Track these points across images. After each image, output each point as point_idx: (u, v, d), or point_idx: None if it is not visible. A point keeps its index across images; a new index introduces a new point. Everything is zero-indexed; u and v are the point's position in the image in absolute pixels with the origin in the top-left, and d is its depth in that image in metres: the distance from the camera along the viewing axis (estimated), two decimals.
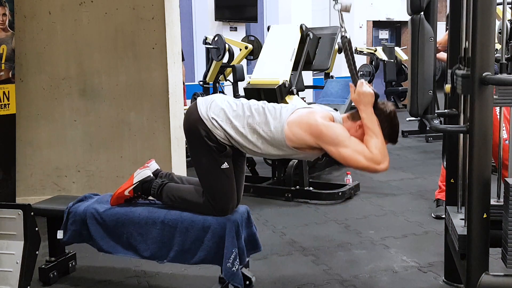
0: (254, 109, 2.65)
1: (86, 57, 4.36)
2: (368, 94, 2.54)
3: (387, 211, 4.38)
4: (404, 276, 3.09)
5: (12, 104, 4.13)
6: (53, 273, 3.02)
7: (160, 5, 4.26)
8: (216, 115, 2.60)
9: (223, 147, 2.61)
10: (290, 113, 2.61)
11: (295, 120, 2.56)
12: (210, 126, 2.59)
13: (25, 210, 2.73)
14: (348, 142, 2.49)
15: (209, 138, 2.59)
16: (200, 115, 2.61)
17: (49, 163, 4.43)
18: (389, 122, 2.58)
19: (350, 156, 2.48)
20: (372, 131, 2.50)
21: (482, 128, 2.11)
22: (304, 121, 2.54)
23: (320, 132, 2.50)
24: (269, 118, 2.60)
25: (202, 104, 2.66)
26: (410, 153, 6.99)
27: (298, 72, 5.19)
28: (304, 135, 2.53)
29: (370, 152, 2.46)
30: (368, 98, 2.54)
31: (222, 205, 2.65)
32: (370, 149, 2.47)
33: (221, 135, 2.59)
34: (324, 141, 2.51)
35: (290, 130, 2.54)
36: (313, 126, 2.52)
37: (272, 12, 11.99)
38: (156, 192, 2.79)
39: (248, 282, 2.92)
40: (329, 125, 2.53)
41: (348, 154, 2.48)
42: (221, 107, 2.63)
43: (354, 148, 2.48)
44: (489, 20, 2.07)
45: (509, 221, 2.07)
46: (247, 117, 2.61)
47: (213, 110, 2.62)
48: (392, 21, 13.47)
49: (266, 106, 2.68)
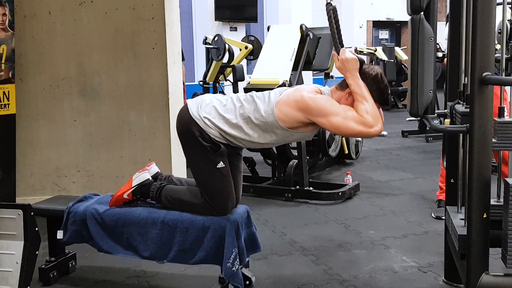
0: (243, 99, 2.66)
1: (86, 57, 4.36)
2: (352, 60, 2.54)
3: (387, 211, 4.38)
4: (404, 276, 3.09)
5: (12, 104, 4.13)
6: (53, 273, 3.02)
7: (160, 5, 4.26)
8: (208, 113, 2.61)
9: (217, 146, 2.61)
10: (278, 95, 2.62)
11: (283, 100, 2.57)
12: (202, 125, 2.59)
13: (25, 210, 2.73)
14: (337, 110, 2.49)
15: (203, 138, 2.59)
16: (192, 116, 2.62)
17: (49, 163, 4.43)
18: (376, 84, 2.58)
19: (341, 124, 2.47)
20: (361, 96, 2.50)
21: (482, 128, 2.11)
22: (291, 98, 2.55)
23: (307, 105, 2.50)
24: (259, 104, 2.60)
25: (192, 105, 2.67)
26: (410, 153, 6.99)
27: (298, 72, 5.19)
28: (294, 113, 2.53)
29: (361, 117, 2.46)
30: (352, 64, 2.53)
31: (220, 205, 2.65)
32: (360, 114, 2.46)
33: (215, 134, 2.60)
34: (313, 114, 2.51)
35: (280, 110, 2.55)
36: (299, 101, 2.52)
37: (272, 12, 11.99)
38: (154, 194, 2.79)
39: (248, 282, 2.92)
40: (315, 97, 2.53)
41: (339, 122, 2.47)
42: (212, 105, 2.65)
43: (344, 115, 2.47)
44: (489, 20, 2.07)
45: (509, 221, 2.07)
46: (238, 108, 2.62)
47: (204, 109, 2.63)
48: (392, 21, 13.47)
49: (254, 93, 2.70)
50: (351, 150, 6.08)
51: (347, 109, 2.51)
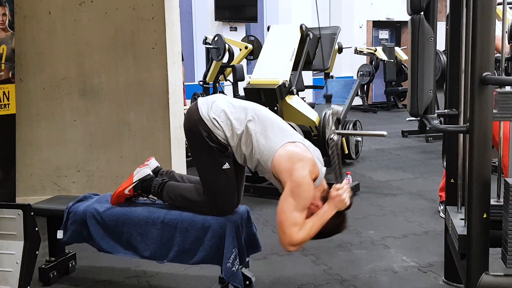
0: (258, 116, 2.62)
1: (86, 57, 4.36)
2: (342, 203, 2.54)
3: (387, 211, 4.38)
4: (404, 276, 3.09)
5: (12, 104, 4.13)
6: (53, 273, 3.02)
7: (160, 5, 4.26)
8: (217, 115, 2.59)
9: (224, 147, 2.60)
10: (288, 140, 2.56)
11: (288, 155, 2.50)
12: (211, 126, 2.58)
13: (25, 210, 2.73)
14: (300, 207, 2.46)
15: (210, 139, 2.58)
16: (201, 115, 2.60)
17: (49, 163, 4.43)
18: (335, 230, 2.61)
19: (286, 211, 2.44)
20: (317, 221, 2.50)
21: (482, 128, 2.11)
22: (294, 166, 2.47)
23: (297, 185, 2.45)
24: (269, 134, 2.56)
25: (203, 105, 2.64)
26: (410, 153, 6.99)
27: (298, 72, 5.19)
28: (284, 175, 2.48)
29: (299, 230, 2.44)
30: (340, 204, 2.54)
31: (222, 205, 2.65)
32: (302, 229, 2.45)
33: (222, 135, 2.59)
34: (290, 188, 2.45)
35: (278, 160, 2.51)
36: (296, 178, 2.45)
37: (272, 12, 12.00)
38: (156, 190, 2.79)
39: (248, 282, 2.92)
40: (309, 186, 2.47)
41: (288, 211, 2.43)
42: (222, 108, 2.62)
43: (295, 214, 2.44)
44: (489, 20, 2.07)
45: (509, 221, 2.07)
46: (248, 121, 2.59)
47: (214, 110, 2.61)
48: (392, 21, 13.48)
49: (272, 117, 2.66)
50: (351, 150, 6.08)
51: (302, 215, 2.47)
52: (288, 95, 5.06)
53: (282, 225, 2.46)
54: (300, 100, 5.41)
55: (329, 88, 6.24)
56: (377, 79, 12.26)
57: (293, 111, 5.15)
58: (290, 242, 2.46)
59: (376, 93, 13.22)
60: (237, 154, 2.63)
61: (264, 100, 4.91)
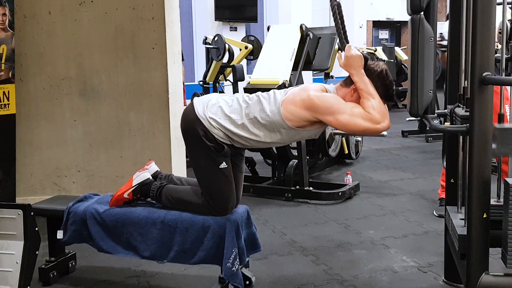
0: (248, 99, 2.67)
1: (86, 57, 4.36)
2: (357, 57, 2.53)
3: (387, 211, 4.38)
4: (404, 276, 3.09)
5: (12, 104, 4.13)
6: (53, 273, 3.02)
7: (160, 5, 4.26)
8: (214, 113, 2.61)
9: (221, 146, 2.61)
10: (284, 94, 2.62)
11: (289, 99, 2.57)
12: (207, 125, 2.59)
13: (25, 210, 2.73)
14: (344, 108, 2.49)
15: (207, 138, 2.59)
16: (197, 115, 2.62)
17: (49, 163, 4.43)
18: (382, 81, 2.57)
19: (348, 121, 2.47)
20: (367, 93, 2.50)
21: (482, 128, 2.11)
22: (297, 98, 2.55)
23: (314, 104, 2.51)
24: (265, 104, 2.60)
25: (199, 104, 2.66)
26: (410, 153, 6.99)
27: (298, 72, 5.19)
28: (301, 111, 2.53)
29: (368, 113, 2.46)
30: (357, 61, 2.53)
31: (221, 205, 2.65)
32: (367, 110, 2.46)
33: (219, 134, 2.59)
34: (320, 113, 2.51)
35: (286, 109, 2.55)
36: (306, 100, 2.52)
37: (272, 12, 12.00)
38: (155, 194, 2.80)
39: (248, 282, 2.92)
40: (322, 95, 2.53)
41: (346, 119, 2.47)
42: (218, 105, 2.65)
43: (350, 113, 2.47)
44: (489, 20, 2.07)
45: (509, 221, 2.07)
46: (244, 108, 2.62)
47: (210, 109, 2.63)
48: (392, 21, 13.47)
49: (260, 94, 2.70)
50: (351, 150, 6.08)
51: (354, 106, 2.51)
52: None
53: (357, 127, 2.48)
54: None
55: None
56: None
57: None
58: (375, 123, 2.45)
59: None
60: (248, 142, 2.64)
61: None
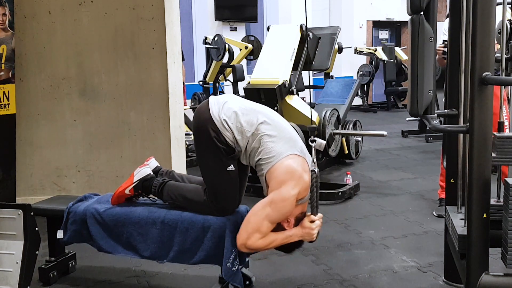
0: (271, 120, 2.60)
1: (86, 57, 4.37)
2: (310, 237, 2.57)
3: (387, 211, 4.38)
4: (404, 276, 3.09)
5: (12, 104, 4.13)
6: (53, 273, 3.02)
7: (160, 5, 4.26)
8: (228, 117, 2.57)
9: (231, 149, 2.58)
10: (294, 152, 2.54)
11: (287, 169, 2.49)
12: (220, 127, 2.55)
13: (25, 210, 2.73)
14: (273, 220, 2.49)
15: (218, 139, 2.56)
16: (211, 115, 2.58)
17: (49, 163, 4.44)
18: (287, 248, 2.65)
19: (257, 219, 2.48)
20: (280, 239, 2.55)
21: (482, 128, 2.11)
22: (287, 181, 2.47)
23: (282, 199, 2.46)
24: (279, 140, 2.54)
25: (214, 104, 2.62)
26: (410, 153, 6.99)
27: (298, 72, 5.19)
28: (275, 184, 2.49)
29: (259, 238, 2.48)
30: (307, 237, 2.58)
31: (223, 206, 2.65)
32: (263, 238, 2.49)
33: (230, 137, 2.57)
34: (274, 198, 2.47)
35: (277, 168, 2.50)
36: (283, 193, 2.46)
37: (272, 12, 12.00)
38: (157, 190, 2.79)
39: (248, 282, 2.93)
40: (291, 205, 2.49)
41: (260, 216, 2.47)
42: (234, 109, 2.59)
43: (264, 223, 2.47)
44: (489, 20, 2.07)
45: (509, 221, 2.07)
46: (259, 123, 2.56)
47: (225, 111, 2.58)
48: (392, 21, 13.47)
49: (283, 123, 2.65)
50: (351, 150, 6.09)
51: (272, 224, 2.50)
52: (288, 95, 5.06)
53: (248, 225, 2.50)
54: (300, 100, 5.41)
55: (329, 88, 6.25)
56: (377, 79, 12.25)
57: (293, 111, 5.15)
58: (245, 244, 2.50)
59: (376, 93, 13.22)
60: (243, 155, 2.62)
61: (264, 100, 4.91)
